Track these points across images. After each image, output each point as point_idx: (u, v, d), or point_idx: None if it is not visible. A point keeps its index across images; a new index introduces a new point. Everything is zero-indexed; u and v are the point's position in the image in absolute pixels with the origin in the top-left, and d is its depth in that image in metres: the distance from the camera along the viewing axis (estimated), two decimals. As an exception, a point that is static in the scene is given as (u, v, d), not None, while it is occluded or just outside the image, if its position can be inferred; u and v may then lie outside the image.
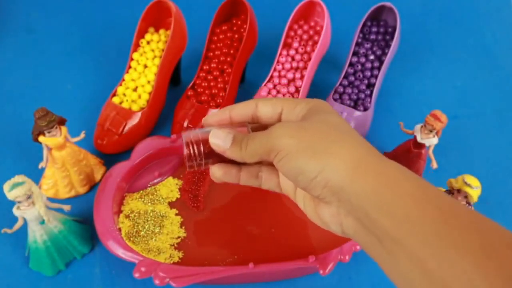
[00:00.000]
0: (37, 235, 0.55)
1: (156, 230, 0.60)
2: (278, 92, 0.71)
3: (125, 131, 0.68)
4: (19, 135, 0.70)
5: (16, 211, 0.52)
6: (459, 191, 0.53)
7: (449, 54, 0.86)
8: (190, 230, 0.60)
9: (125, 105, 0.69)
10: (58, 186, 0.64)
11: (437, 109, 0.59)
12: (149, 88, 0.70)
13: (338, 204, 0.33)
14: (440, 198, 0.30)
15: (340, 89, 0.73)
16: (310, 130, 0.34)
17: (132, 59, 0.72)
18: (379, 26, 0.76)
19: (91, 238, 0.61)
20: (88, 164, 0.65)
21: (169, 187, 0.64)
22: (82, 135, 0.62)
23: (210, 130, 0.37)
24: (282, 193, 0.39)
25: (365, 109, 0.71)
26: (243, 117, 0.39)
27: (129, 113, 0.68)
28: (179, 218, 0.61)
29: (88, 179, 0.65)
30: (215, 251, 0.59)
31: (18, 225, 0.54)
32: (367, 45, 0.74)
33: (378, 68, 0.73)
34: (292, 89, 0.70)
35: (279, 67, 0.72)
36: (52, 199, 0.63)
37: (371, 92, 0.72)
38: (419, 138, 0.61)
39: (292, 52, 0.73)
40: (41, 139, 0.58)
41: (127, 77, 0.71)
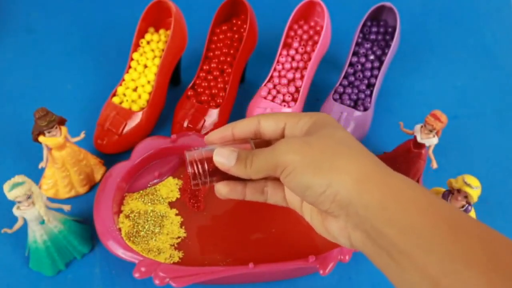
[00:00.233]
0: (37, 235, 0.55)
1: (156, 230, 0.60)
2: (278, 92, 0.71)
3: (125, 131, 0.68)
4: (19, 135, 0.70)
5: (16, 211, 0.52)
6: (459, 191, 0.53)
7: (449, 54, 0.86)
8: (190, 230, 0.60)
9: (125, 105, 0.69)
10: (58, 186, 0.64)
11: (437, 109, 0.59)
12: (149, 88, 0.70)
13: (346, 218, 0.32)
14: (446, 209, 0.30)
15: (340, 89, 0.73)
16: (315, 145, 0.33)
17: (132, 59, 0.72)
18: (379, 26, 0.76)
19: (91, 238, 0.61)
20: (88, 164, 0.65)
21: (169, 187, 0.64)
22: (82, 135, 0.62)
23: (213, 148, 0.37)
24: (288, 207, 0.39)
25: (365, 109, 0.71)
26: (246, 134, 0.38)
27: (129, 113, 0.68)
28: (179, 218, 0.61)
29: (88, 179, 0.65)
30: (215, 251, 0.59)
31: (18, 225, 0.54)
32: (367, 45, 0.74)
33: (378, 68, 0.73)
34: (292, 89, 0.70)
35: (279, 67, 0.72)
36: (52, 199, 0.63)
37: (371, 92, 0.72)
38: (419, 138, 0.61)
39: (292, 52, 0.73)
40: (41, 139, 0.58)
41: (127, 77, 0.71)
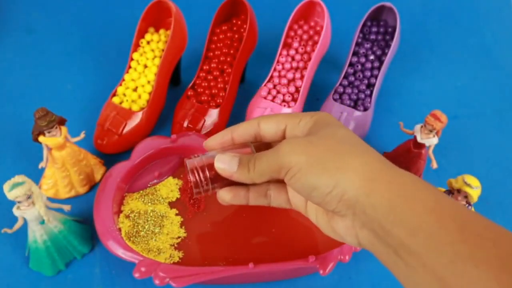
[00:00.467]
0: (37, 235, 0.55)
1: (156, 230, 0.60)
2: (278, 92, 0.71)
3: (125, 131, 0.68)
4: (19, 135, 0.70)
5: (16, 211, 0.52)
6: (459, 191, 0.53)
7: (449, 54, 0.86)
8: (190, 230, 0.60)
9: (125, 105, 0.69)
10: (58, 186, 0.64)
11: (437, 109, 0.59)
12: (149, 88, 0.70)
13: (353, 217, 0.32)
14: (454, 208, 0.30)
15: (340, 89, 0.73)
16: (319, 145, 0.33)
17: (132, 59, 0.72)
18: (379, 26, 0.76)
19: (91, 238, 0.61)
20: (88, 164, 0.65)
21: (169, 187, 0.64)
22: (82, 135, 0.62)
23: (214, 154, 0.37)
24: (292, 209, 0.39)
25: (365, 109, 0.71)
26: (246, 137, 0.38)
27: (129, 113, 0.68)
28: (179, 218, 0.61)
29: (88, 179, 0.65)
30: (215, 251, 0.59)
31: (18, 225, 0.54)
32: (367, 45, 0.74)
33: (378, 68, 0.73)
34: (292, 89, 0.70)
35: (279, 67, 0.72)
36: (52, 199, 0.63)
37: (371, 92, 0.72)
38: (419, 138, 0.61)
39: (292, 52, 0.73)
40: (41, 139, 0.58)
41: (127, 77, 0.71)
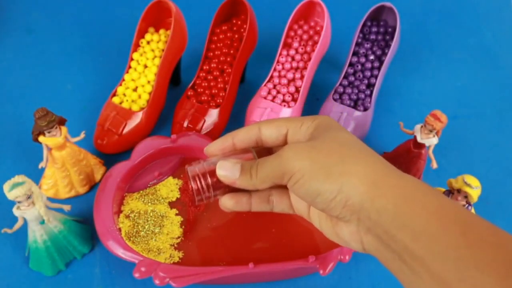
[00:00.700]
0: (37, 235, 0.55)
1: (156, 230, 0.60)
2: (278, 92, 0.71)
3: (125, 131, 0.68)
4: (19, 135, 0.70)
5: (16, 211, 0.52)
6: (459, 191, 0.53)
7: (449, 54, 0.86)
8: (190, 230, 0.60)
9: (125, 105, 0.69)
10: (58, 186, 0.64)
11: (437, 109, 0.59)
12: (149, 88, 0.70)
13: (358, 223, 0.32)
14: (459, 213, 0.29)
15: (340, 89, 0.73)
16: (322, 150, 0.33)
17: (132, 59, 0.72)
18: (379, 26, 0.76)
19: (91, 238, 0.61)
20: (88, 164, 0.65)
21: (169, 187, 0.64)
22: (82, 135, 0.62)
23: (215, 161, 0.36)
24: (295, 214, 0.38)
25: (365, 109, 0.71)
26: (247, 143, 0.38)
27: (129, 113, 0.68)
28: (179, 218, 0.61)
29: (88, 179, 0.65)
30: (215, 251, 0.59)
31: (18, 225, 0.54)
32: (367, 45, 0.74)
33: (378, 68, 0.73)
34: (292, 89, 0.70)
35: (279, 67, 0.72)
36: (52, 199, 0.63)
37: (371, 92, 0.72)
38: (419, 138, 0.60)
39: (292, 52, 0.73)
40: (41, 139, 0.58)
41: (127, 77, 0.71)
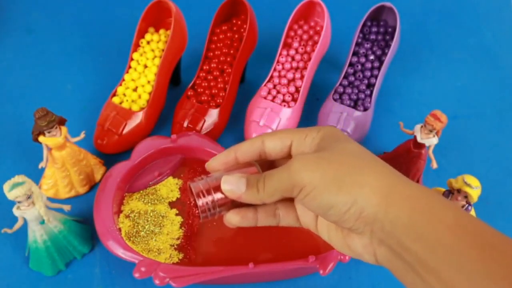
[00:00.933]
0: (37, 235, 0.55)
1: (156, 230, 0.60)
2: (278, 92, 0.71)
3: (125, 131, 0.68)
4: (19, 135, 0.70)
5: (16, 211, 0.52)
6: (459, 191, 0.53)
7: (449, 54, 0.86)
8: (190, 230, 0.60)
9: (125, 105, 0.69)
10: (58, 186, 0.64)
11: (437, 109, 0.59)
12: (149, 88, 0.70)
13: (371, 235, 0.31)
14: (474, 224, 0.29)
15: (340, 89, 0.73)
16: (333, 161, 0.32)
17: (132, 59, 0.72)
18: (379, 26, 0.76)
19: (91, 238, 0.61)
20: (88, 164, 0.65)
21: (169, 187, 0.64)
22: (82, 135, 0.62)
23: (218, 176, 0.35)
24: (303, 227, 0.37)
25: (365, 109, 0.70)
26: (250, 156, 0.36)
27: (129, 113, 0.68)
28: (179, 218, 0.61)
29: (88, 179, 0.65)
30: (215, 251, 0.59)
31: (18, 225, 0.54)
32: (367, 45, 0.74)
33: (378, 68, 0.73)
34: (292, 89, 0.70)
35: (279, 67, 0.72)
36: (52, 199, 0.63)
37: (371, 92, 0.72)
38: (419, 138, 0.60)
39: (292, 52, 0.73)
40: (41, 139, 0.58)
41: (127, 77, 0.71)
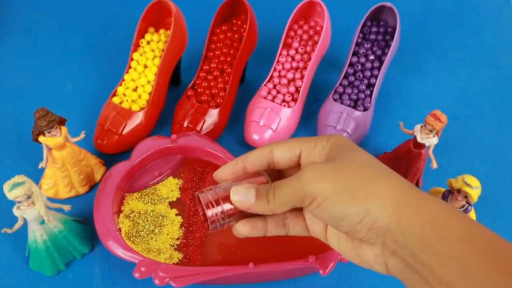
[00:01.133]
0: (37, 235, 0.55)
1: (156, 230, 0.60)
2: (278, 92, 0.71)
3: (125, 131, 0.68)
4: (19, 135, 0.70)
5: (16, 211, 0.52)
6: (459, 191, 0.53)
7: (449, 54, 0.86)
8: (190, 230, 0.60)
9: (125, 105, 0.69)
10: (58, 186, 0.64)
11: (437, 109, 0.59)
12: (149, 88, 0.70)
13: (383, 245, 0.31)
14: (487, 236, 0.29)
15: (340, 89, 0.73)
16: (344, 171, 0.31)
17: (132, 59, 0.72)
18: (379, 26, 0.76)
19: (91, 238, 0.61)
20: (88, 164, 0.65)
21: (169, 187, 0.64)
22: (82, 135, 0.62)
23: (227, 186, 0.35)
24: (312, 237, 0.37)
25: (365, 109, 0.71)
26: (258, 166, 0.36)
27: (129, 113, 0.68)
28: (179, 218, 0.61)
29: (88, 179, 0.65)
30: (215, 251, 0.59)
31: (18, 225, 0.54)
32: (367, 45, 0.74)
33: (378, 68, 0.73)
34: (292, 89, 0.70)
35: (279, 67, 0.72)
36: (52, 199, 0.63)
37: (371, 92, 0.72)
38: (419, 138, 0.60)
39: (292, 52, 0.73)
40: (41, 139, 0.58)
41: (127, 77, 0.71)
